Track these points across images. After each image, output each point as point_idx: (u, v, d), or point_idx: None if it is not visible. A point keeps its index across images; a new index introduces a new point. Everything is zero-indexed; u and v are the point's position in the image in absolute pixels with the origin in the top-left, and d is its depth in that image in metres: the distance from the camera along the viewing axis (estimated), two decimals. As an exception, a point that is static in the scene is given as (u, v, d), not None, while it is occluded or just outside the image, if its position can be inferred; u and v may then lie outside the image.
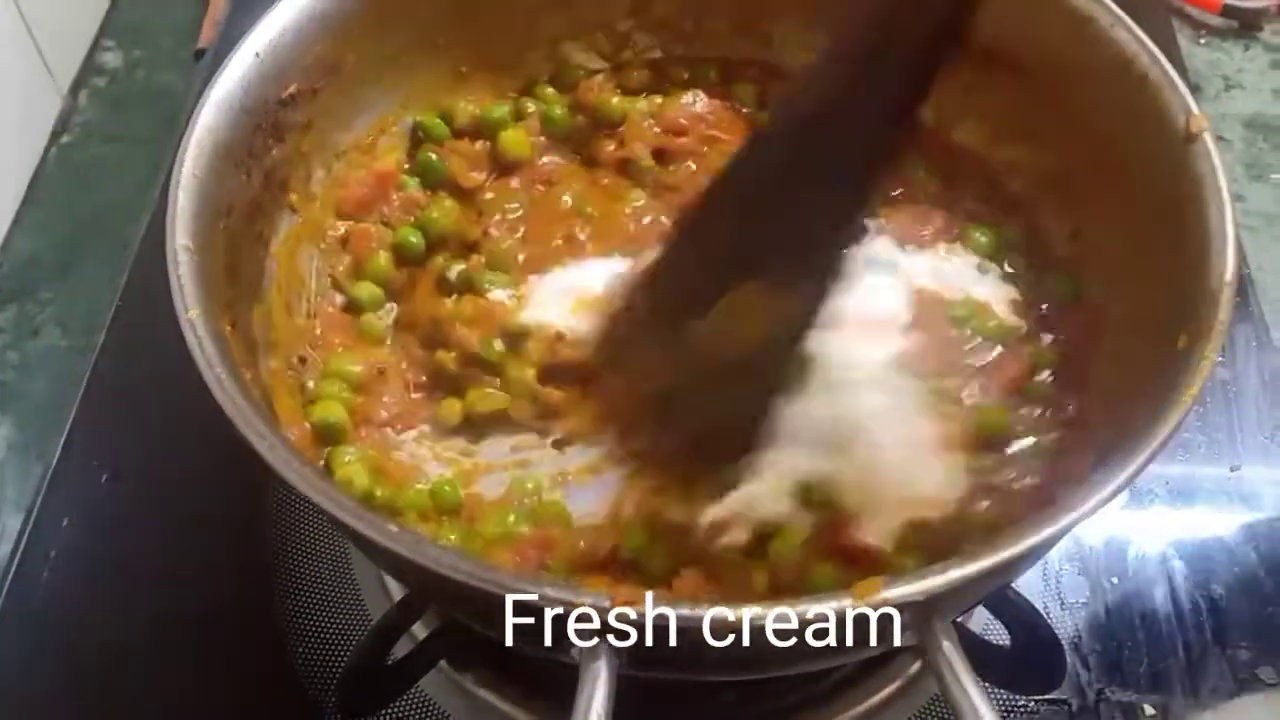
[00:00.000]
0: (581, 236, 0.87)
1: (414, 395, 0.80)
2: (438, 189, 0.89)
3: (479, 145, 0.90)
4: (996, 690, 0.81)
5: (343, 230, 0.85)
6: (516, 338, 0.80)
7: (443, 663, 0.80)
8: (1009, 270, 0.86)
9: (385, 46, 0.85)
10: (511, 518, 0.73)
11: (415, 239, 0.85)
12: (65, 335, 1.08)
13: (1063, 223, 0.85)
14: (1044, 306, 0.83)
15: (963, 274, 0.85)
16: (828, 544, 0.72)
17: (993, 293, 0.84)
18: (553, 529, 0.73)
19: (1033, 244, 0.86)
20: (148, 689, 0.82)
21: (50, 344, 1.07)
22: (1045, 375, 0.80)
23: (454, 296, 0.83)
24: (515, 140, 0.90)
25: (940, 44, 0.62)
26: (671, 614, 0.53)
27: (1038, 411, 0.78)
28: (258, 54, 0.76)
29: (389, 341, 0.83)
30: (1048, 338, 0.82)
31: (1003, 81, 0.85)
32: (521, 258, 0.85)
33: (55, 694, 0.82)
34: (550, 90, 0.94)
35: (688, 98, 0.93)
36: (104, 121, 1.27)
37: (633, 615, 0.53)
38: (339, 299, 0.84)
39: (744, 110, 0.94)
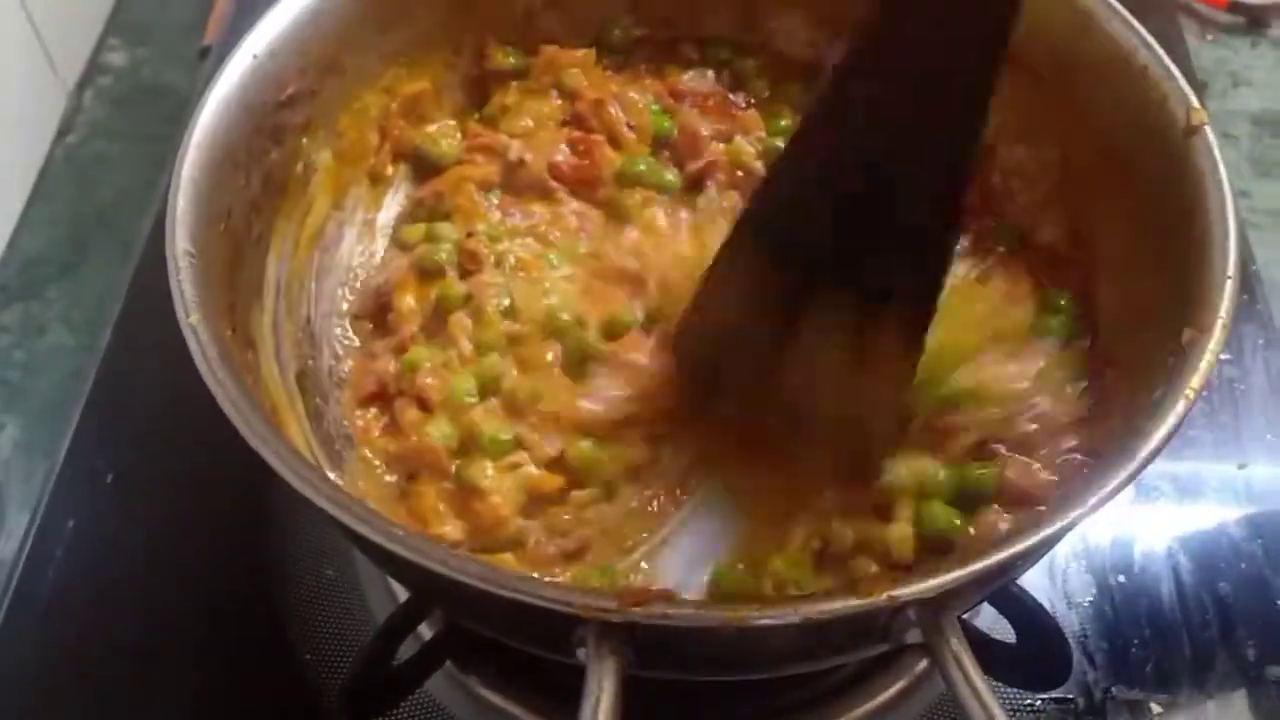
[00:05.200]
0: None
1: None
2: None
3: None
4: (1003, 688, 0.81)
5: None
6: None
7: (449, 664, 0.80)
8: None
9: (384, 45, 0.85)
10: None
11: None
12: (71, 334, 1.08)
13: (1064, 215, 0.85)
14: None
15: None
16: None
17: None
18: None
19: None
20: (152, 689, 0.82)
21: (56, 343, 1.08)
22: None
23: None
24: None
25: None
26: (678, 615, 0.53)
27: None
28: (256, 55, 0.76)
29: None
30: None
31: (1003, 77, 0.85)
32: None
33: (61, 692, 0.82)
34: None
35: (689, 74, 0.94)
36: (109, 120, 1.27)
37: (640, 617, 0.53)
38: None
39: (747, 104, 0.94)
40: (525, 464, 0.75)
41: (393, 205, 0.91)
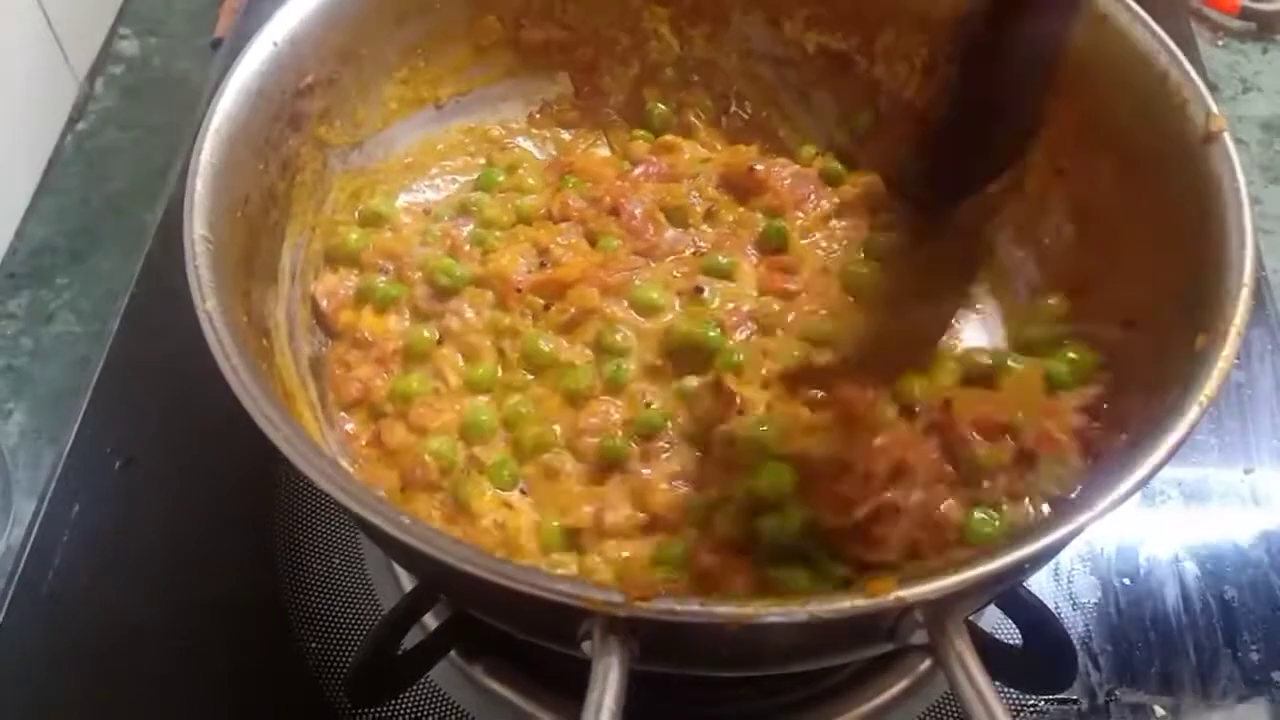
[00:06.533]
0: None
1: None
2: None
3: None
4: (1007, 689, 0.80)
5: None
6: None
7: (453, 653, 0.80)
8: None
9: (402, 36, 0.85)
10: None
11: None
12: (79, 321, 1.08)
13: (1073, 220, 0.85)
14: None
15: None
16: None
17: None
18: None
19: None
20: (157, 675, 0.82)
21: (64, 330, 1.08)
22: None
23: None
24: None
25: None
26: (685, 611, 0.53)
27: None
28: (276, 43, 0.76)
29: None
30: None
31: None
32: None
33: (65, 678, 0.82)
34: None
35: None
36: (120, 109, 1.27)
37: (646, 612, 0.53)
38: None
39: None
40: (520, 509, 0.75)
41: (408, 197, 0.91)
